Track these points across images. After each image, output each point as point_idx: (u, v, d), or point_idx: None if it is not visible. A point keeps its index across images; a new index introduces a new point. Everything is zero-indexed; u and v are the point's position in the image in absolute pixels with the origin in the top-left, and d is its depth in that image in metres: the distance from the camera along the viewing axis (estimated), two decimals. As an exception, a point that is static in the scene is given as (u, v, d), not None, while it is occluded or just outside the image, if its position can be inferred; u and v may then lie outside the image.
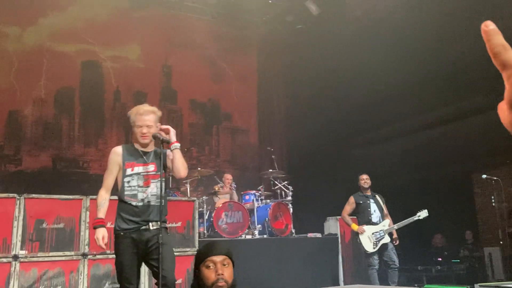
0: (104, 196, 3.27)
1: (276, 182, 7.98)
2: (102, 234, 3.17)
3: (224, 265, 2.15)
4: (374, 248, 6.19)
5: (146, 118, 3.30)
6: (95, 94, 9.62)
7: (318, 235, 7.16)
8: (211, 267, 2.13)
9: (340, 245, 7.42)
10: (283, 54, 11.81)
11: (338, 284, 6.99)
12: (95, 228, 3.22)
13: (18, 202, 4.74)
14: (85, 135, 9.37)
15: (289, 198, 7.77)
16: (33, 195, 4.88)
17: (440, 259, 7.95)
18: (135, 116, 3.34)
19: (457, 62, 7.66)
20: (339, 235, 7.46)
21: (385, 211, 6.56)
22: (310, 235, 7.37)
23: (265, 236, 7.26)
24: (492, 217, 7.83)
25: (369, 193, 6.56)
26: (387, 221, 6.36)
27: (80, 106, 9.43)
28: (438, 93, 8.18)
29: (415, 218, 6.18)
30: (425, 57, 8.18)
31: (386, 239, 6.23)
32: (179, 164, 3.28)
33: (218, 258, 2.15)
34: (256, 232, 7.23)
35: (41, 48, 9.15)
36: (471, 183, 8.55)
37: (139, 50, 10.14)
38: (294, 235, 7.52)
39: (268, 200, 7.84)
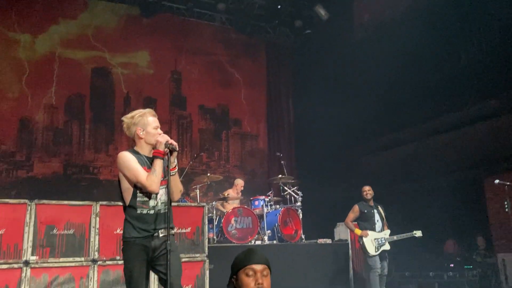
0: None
1: (285, 187, 7.95)
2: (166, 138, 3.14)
3: (264, 275, 2.15)
4: (376, 251, 6.44)
5: (157, 119, 3.32)
6: (105, 100, 9.70)
7: (328, 241, 7.11)
8: (251, 275, 2.13)
9: (350, 251, 7.36)
10: (292, 59, 11.82)
11: (348, 291, 6.92)
12: (155, 158, 3.11)
13: (29, 208, 4.77)
14: (96, 141, 9.44)
15: (299, 203, 7.73)
16: (44, 201, 4.90)
17: (452, 265, 7.84)
18: (151, 118, 3.28)
19: (468, 66, 7.60)
20: (349, 241, 7.41)
21: (385, 221, 6.78)
22: (320, 241, 7.32)
23: (274, 241, 7.22)
24: (505, 222, 7.71)
25: (372, 203, 6.74)
26: (388, 231, 6.63)
27: (90, 112, 9.51)
28: (449, 97, 8.11)
29: (412, 234, 6.53)
30: (435, 62, 8.13)
31: (387, 247, 6.50)
32: (177, 188, 3.25)
33: (258, 267, 2.14)
34: (266, 238, 7.19)
35: (52, 55, 9.26)
36: (483, 189, 8.44)
37: (148, 57, 10.22)
38: (304, 241, 7.48)
39: (278, 206, 7.79)
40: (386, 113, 9.11)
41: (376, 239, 6.47)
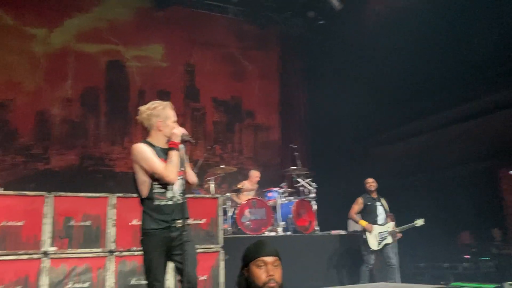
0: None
1: (299, 179, 7.96)
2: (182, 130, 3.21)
3: (275, 266, 2.19)
4: (378, 246, 6.53)
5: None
6: (120, 93, 9.79)
7: (342, 232, 7.12)
8: (262, 267, 2.17)
9: (364, 242, 7.36)
10: (305, 51, 11.76)
11: (362, 282, 6.93)
12: (171, 149, 3.17)
13: (47, 200, 4.87)
14: (111, 134, 9.55)
15: (313, 195, 7.74)
16: (61, 193, 4.99)
17: (467, 256, 7.79)
18: (170, 111, 3.31)
19: (482, 55, 7.47)
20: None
21: (388, 214, 6.84)
22: (334, 232, 7.34)
23: (288, 233, 7.26)
24: (521, 214, 7.64)
25: (375, 196, 6.82)
26: (391, 224, 6.68)
27: (105, 105, 9.61)
28: (463, 87, 8.01)
29: (413, 225, 6.62)
30: (448, 52, 8.01)
31: (389, 240, 6.57)
32: (192, 171, 3.35)
33: (269, 259, 2.19)
34: (280, 229, 7.23)
35: (67, 49, 9.36)
36: (499, 179, 8.34)
37: (162, 49, 10.27)
38: (318, 232, 7.50)
39: (291, 197, 7.82)
40: (400, 103, 9.02)
41: (379, 233, 6.55)
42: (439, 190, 8.20)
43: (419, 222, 6.58)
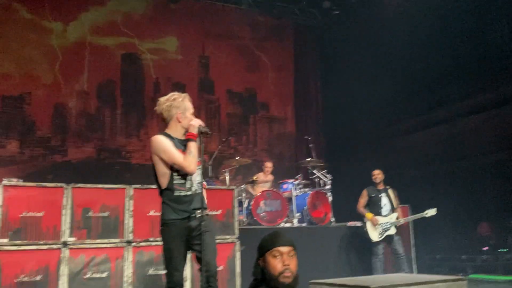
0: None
1: (314, 171, 7.94)
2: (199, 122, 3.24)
3: (290, 256, 2.22)
4: (379, 237, 6.52)
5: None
6: (136, 86, 9.87)
7: (358, 224, 7.09)
8: (278, 257, 2.20)
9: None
10: (320, 41, 11.66)
11: (378, 273, 6.91)
12: (190, 141, 3.20)
13: (66, 191, 4.93)
14: (127, 126, 9.64)
15: (328, 186, 7.72)
16: (80, 185, 5.05)
17: (486, 248, 7.69)
18: (189, 103, 3.33)
19: (504, 43, 7.32)
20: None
21: (396, 204, 6.78)
22: (350, 223, 7.31)
23: (304, 224, 7.27)
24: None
25: (381, 187, 6.79)
26: (395, 214, 6.63)
27: (121, 98, 9.70)
28: (483, 76, 7.86)
29: (422, 215, 6.46)
30: (470, 40, 7.86)
31: (392, 231, 6.53)
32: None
33: (284, 249, 2.21)
34: (295, 221, 7.24)
35: (83, 42, 9.46)
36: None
37: (176, 42, 10.30)
38: (333, 223, 7.48)
39: (306, 189, 7.81)
40: (418, 92, 8.91)
41: (380, 224, 6.53)
42: (458, 181, 8.08)
43: (430, 212, 6.40)
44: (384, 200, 6.71)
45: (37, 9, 9.16)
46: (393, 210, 6.70)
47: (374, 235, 6.56)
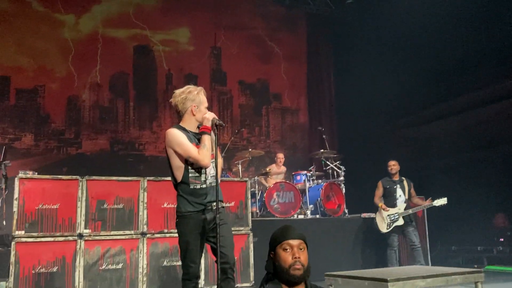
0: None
1: (327, 162, 7.89)
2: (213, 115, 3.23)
3: (301, 249, 2.24)
4: (387, 228, 6.50)
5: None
6: (148, 77, 9.87)
7: (373, 215, 7.04)
8: (288, 250, 2.23)
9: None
10: (333, 31, 11.53)
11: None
12: (204, 134, 3.19)
13: (80, 183, 4.97)
14: (140, 118, 9.67)
15: (341, 178, 7.68)
16: (94, 177, 5.09)
17: (502, 239, 7.60)
18: (203, 96, 3.32)
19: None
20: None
21: (412, 195, 6.74)
22: (364, 215, 7.27)
23: (317, 216, 7.24)
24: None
25: (397, 178, 6.73)
26: (403, 205, 6.56)
27: (134, 90, 9.72)
28: (496, 67, 7.71)
29: (432, 204, 6.33)
30: (483, 31, 7.71)
31: (400, 222, 6.46)
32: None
33: (294, 242, 2.24)
34: (309, 212, 7.22)
35: (95, 35, 9.47)
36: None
37: (188, 33, 10.27)
38: (347, 215, 7.45)
39: (320, 180, 7.78)
40: (431, 84, 8.79)
41: (388, 216, 6.50)
42: (474, 171, 7.98)
43: (440, 201, 6.24)
44: (399, 192, 6.66)
45: (49, 1, 9.19)
46: (408, 201, 6.65)
47: (383, 226, 6.55)
